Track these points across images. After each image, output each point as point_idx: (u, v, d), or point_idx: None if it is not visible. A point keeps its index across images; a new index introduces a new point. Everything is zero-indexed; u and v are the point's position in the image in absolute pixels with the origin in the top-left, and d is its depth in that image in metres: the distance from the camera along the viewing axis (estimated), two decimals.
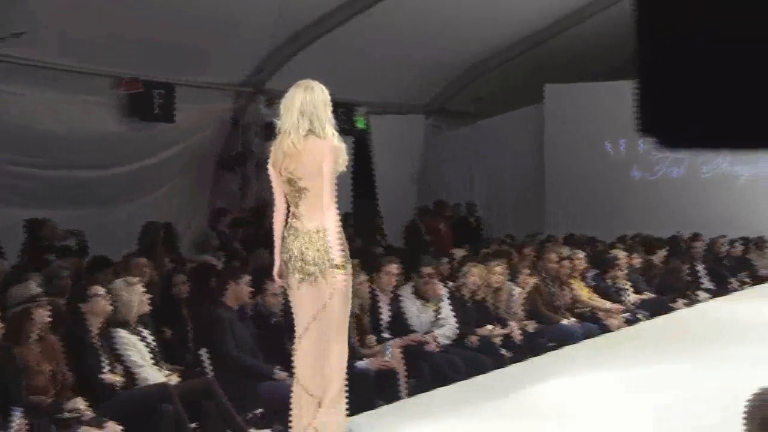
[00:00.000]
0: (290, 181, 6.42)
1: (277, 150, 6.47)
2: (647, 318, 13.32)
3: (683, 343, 11.05)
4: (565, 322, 11.96)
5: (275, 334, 8.75)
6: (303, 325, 6.35)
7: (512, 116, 22.66)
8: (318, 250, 6.36)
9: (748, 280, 17.20)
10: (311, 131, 6.41)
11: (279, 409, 7.59)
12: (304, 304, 6.39)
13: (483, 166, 23.00)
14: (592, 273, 13.76)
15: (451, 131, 22.93)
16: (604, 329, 12.34)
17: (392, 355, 9.18)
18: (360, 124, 19.78)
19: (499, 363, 10.14)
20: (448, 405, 8.05)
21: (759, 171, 20.69)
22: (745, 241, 18.77)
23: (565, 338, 11.43)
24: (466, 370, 9.57)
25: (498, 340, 10.89)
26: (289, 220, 6.50)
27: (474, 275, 10.88)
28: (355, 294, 8.04)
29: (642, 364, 9.67)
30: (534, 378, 9.10)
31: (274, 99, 17.74)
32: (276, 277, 6.63)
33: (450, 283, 11.19)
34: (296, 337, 6.42)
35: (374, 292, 9.91)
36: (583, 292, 12.99)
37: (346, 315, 6.46)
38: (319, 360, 6.32)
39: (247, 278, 8.65)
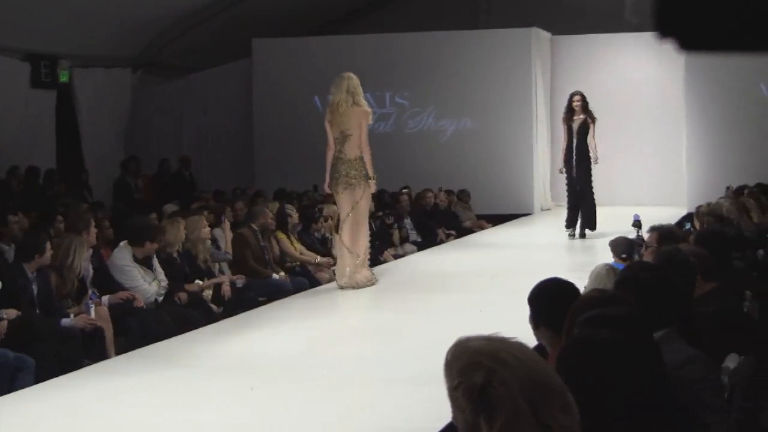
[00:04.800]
0: (342, 132, 11.26)
1: (333, 113, 11.30)
2: None
3: (391, 295, 11.32)
4: (275, 276, 11.98)
5: None
6: (345, 215, 11.33)
7: (221, 70, 22.54)
8: (356, 169, 11.29)
9: (452, 232, 17.77)
10: (354, 102, 11.29)
11: None
12: (344, 203, 11.32)
13: (192, 120, 22.76)
14: (299, 227, 13.84)
15: (159, 85, 22.52)
16: (315, 283, 12.45)
17: (98, 313, 8.92)
18: (63, 78, 19.13)
19: (210, 318, 10.07)
20: (157, 362, 7.92)
21: (462, 126, 21.44)
22: (450, 194, 19.40)
23: (275, 293, 11.45)
24: (176, 326, 9.43)
25: (208, 296, 10.80)
26: (338, 154, 11.28)
27: (176, 230, 10.71)
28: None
29: (349, 315, 9.84)
30: (242, 332, 9.11)
31: None
32: (326, 187, 11.52)
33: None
34: (341, 220, 11.46)
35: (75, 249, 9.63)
36: (293, 246, 13.05)
37: (367, 210, 11.66)
38: (354, 232, 11.27)
39: None
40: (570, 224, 15.80)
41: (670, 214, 16.23)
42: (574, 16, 22.70)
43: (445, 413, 2.63)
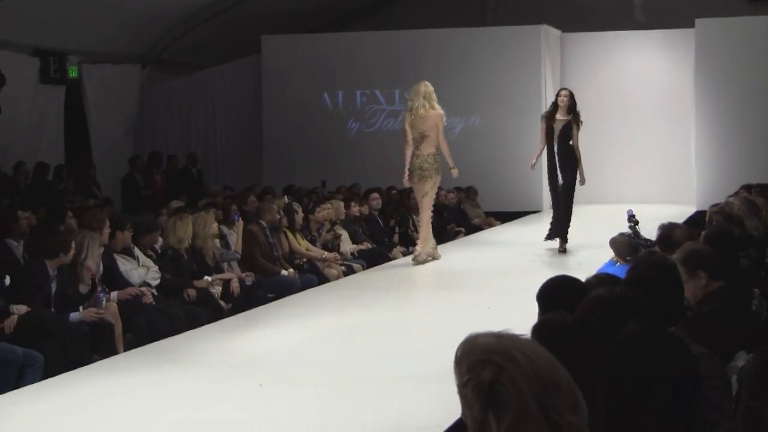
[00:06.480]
0: (420, 133, 12.79)
1: (413, 117, 12.79)
2: (365, 268, 13.56)
3: (400, 292, 11.34)
4: (284, 273, 12.00)
5: None
6: (420, 199, 13.11)
7: (230, 67, 22.56)
8: (429, 164, 12.84)
9: (461, 229, 17.78)
10: (430, 107, 12.79)
11: None
12: (419, 190, 13.00)
13: (201, 117, 22.78)
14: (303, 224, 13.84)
15: (167, 81, 22.56)
16: (323, 279, 12.47)
17: (107, 309, 8.96)
18: (72, 74, 19.18)
19: (218, 315, 10.09)
20: (165, 359, 7.95)
21: (471, 124, 21.44)
22: (458, 191, 19.41)
23: (284, 290, 11.47)
24: (184, 323, 9.45)
25: (217, 293, 10.81)
26: (414, 151, 12.81)
27: (184, 226, 10.75)
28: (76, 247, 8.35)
29: (357, 312, 9.85)
30: (251, 329, 9.13)
31: None
32: (405, 181, 13.02)
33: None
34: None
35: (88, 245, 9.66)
36: (301, 243, 13.08)
37: (433, 198, 13.19)
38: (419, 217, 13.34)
39: None
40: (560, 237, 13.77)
41: (677, 212, 16.22)
42: (584, 13, 22.72)
43: (454, 410, 2.66)
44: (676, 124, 21.54)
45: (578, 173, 13.59)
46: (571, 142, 13.46)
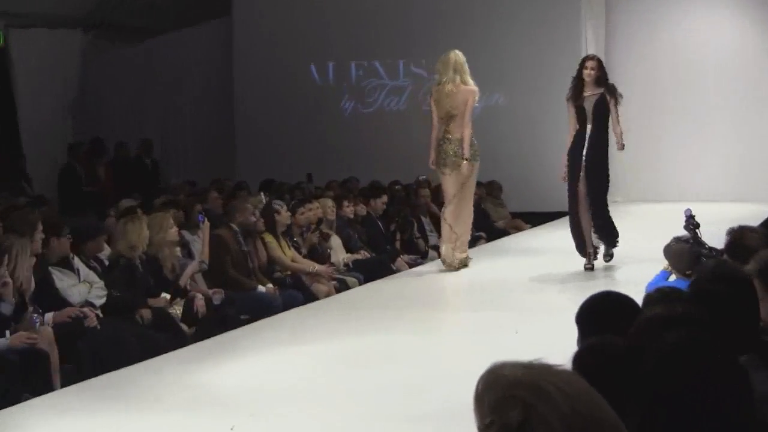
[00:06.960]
0: (446, 112, 13.19)
1: (440, 92, 13.24)
2: (362, 282, 13.54)
3: (405, 312, 11.31)
4: (261, 289, 12.00)
5: None
6: (451, 195, 13.42)
7: (194, 32, 22.53)
8: (461, 149, 13.24)
9: (482, 234, 17.71)
10: (462, 81, 13.14)
11: None
12: (450, 184, 13.39)
13: (157, 94, 22.75)
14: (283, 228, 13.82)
15: (116, 50, 22.53)
16: (310, 297, 12.46)
17: (41, 333, 8.94)
18: None
19: (180, 341, 10.08)
20: (114, 396, 7.94)
21: (493, 103, 21.37)
22: (477, 187, 19.33)
23: (261, 309, 11.46)
24: (137, 351, 9.44)
25: (178, 313, 10.80)
26: (445, 135, 13.28)
27: (137, 230, 10.74)
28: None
29: (353, 338, 9.84)
30: (217, 359, 9.12)
31: None
32: (432, 165, 13.48)
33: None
34: (447, 201, 13.53)
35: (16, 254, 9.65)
36: (285, 252, 13.06)
37: (473, 191, 13.94)
38: (458, 213, 13.39)
39: None
40: (582, 250, 13.29)
41: (749, 213, 16.16)
42: None
43: None
44: (751, 104, 21.41)
45: (617, 140, 13.03)
46: (610, 123, 12.96)
